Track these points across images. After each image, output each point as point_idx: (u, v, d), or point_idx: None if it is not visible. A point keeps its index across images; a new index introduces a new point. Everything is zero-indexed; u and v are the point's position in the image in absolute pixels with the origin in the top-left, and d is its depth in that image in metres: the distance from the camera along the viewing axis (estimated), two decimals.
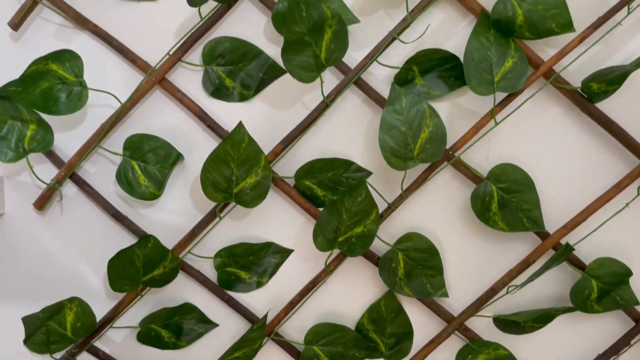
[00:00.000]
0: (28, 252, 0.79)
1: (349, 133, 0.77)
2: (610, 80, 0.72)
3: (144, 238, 0.71)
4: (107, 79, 0.75)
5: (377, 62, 0.74)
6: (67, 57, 0.69)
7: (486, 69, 0.71)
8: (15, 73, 0.74)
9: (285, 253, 0.79)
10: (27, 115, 0.70)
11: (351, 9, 0.74)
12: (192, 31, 0.72)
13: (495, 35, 0.71)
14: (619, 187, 0.75)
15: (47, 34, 0.74)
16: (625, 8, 0.71)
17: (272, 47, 0.76)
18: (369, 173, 0.77)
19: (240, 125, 0.68)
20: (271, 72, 0.75)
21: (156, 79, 0.73)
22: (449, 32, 0.75)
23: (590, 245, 0.78)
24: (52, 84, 0.70)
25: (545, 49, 0.75)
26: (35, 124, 0.70)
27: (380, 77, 0.76)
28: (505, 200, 0.75)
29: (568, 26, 0.71)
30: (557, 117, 0.77)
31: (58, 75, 0.70)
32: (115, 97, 0.74)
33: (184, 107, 0.76)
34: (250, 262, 0.78)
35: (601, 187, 0.77)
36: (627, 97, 0.76)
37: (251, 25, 0.75)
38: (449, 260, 0.80)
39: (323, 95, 0.73)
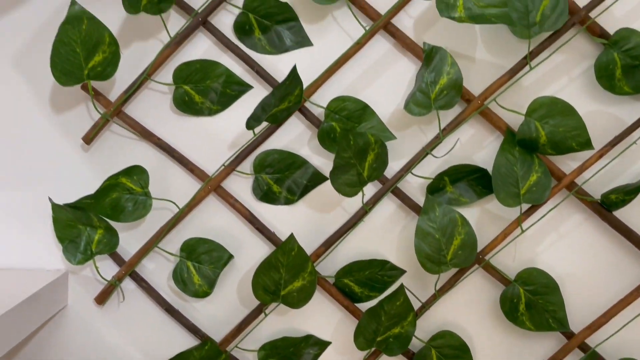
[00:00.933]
0: (88, 342, 0.85)
1: (385, 235, 0.84)
2: (627, 191, 0.78)
3: (202, 343, 0.78)
4: (167, 185, 0.83)
5: (412, 173, 0.81)
6: (135, 172, 0.78)
7: (513, 182, 0.78)
8: (84, 179, 0.82)
9: (323, 345, 0.84)
10: (96, 222, 0.78)
11: (388, 125, 0.82)
12: (246, 146, 0.81)
13: (520, 152, 0.78)
14: (639, 292, 0.80)
15: (115, 145, 0.82)
16: (639, 130, 0.78)
17: (315, 157, 0.83)
18: (403, 271, 0.83)
19: (291, 236, 0.75)
20: (314, 180, 0.83)
21: (212, 187, 0.81)
22: (477, 146, 0.83)
23: (614, 343, 0.83)
24: (120, 194, 0.78)
25: (567, 161, 0.82)
26: (103, 230, 0.78)
27: (414, 185, 0.83)
28: (532, 301, 0.80)
29: (587, 145, 0.78)
30: (579, 223, 0.83)
31: (126, 187, 0.79)
32: (175, 204, 0.82)
33: (235, 211, 0.83)
34: (290, 354, 0.83)
35: (622, 289, 0.82)
36: None
37: (297, 138, 0.83)
38: (479, 357, 0.84)
39: (363, 203, 0.80)
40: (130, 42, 0.81)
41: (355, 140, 0.68)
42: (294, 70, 0.70)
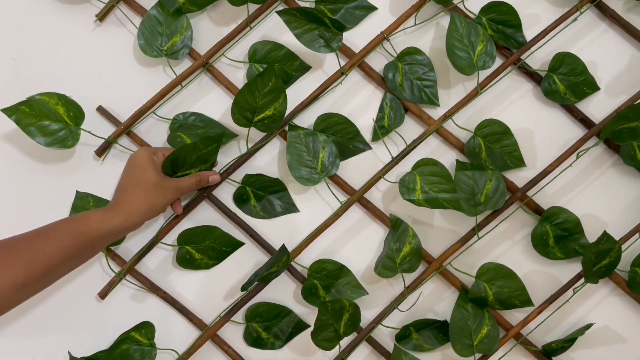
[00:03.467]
0: None
1: None
2: (566, 340, 0.91)
3: None
4: (170, 331, 0.94)
5: (382, 325, 0.94)
6: (144, 327, 0.91)
7: (467, 335, 0.91)
8: (97, 326, 0.94)
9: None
10: None
11: (361, 281, 0.95)
12: (239, 299, 0.93)
13: (473, 307, 0.92)
14: None
15: (125, 297, 0.95)
16: (571, 290, 0.93)
17: (299, 307, 0.96)
18: None
19: None
20: (297, 327, 0.95)
21: (209, 335, 0.93)
22: (437, 298, 0.97)
23: None
24: (129, 345, 0.90)
25: (513, 312, 0.96)
26: None
27: (385, 333, 0.96)
28: None
29: (528, 303, 0.92)
30: None
31: (135, 339, 0.90)
32: (176, 352, 0.93)
33: (228, 357, 0.94)
34: None
35: None
36: (581, 350, 0.96)
37: (284, 291, 0.96)
38: None
39: (339, 352, 0.92)
40: None
41: (332, 306, 0.82)
42: (283, 247, 0.85)
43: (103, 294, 0.93)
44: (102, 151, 0.93)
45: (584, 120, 0.95)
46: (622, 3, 0.96)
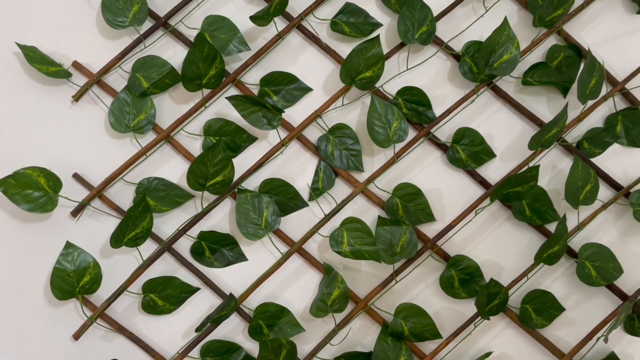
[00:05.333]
0: None
1: None
2: None
3: None
4: None
5: (317, 357, 1.10)
6: None
7: None
8: None
9: None
10: None
11: (300, 319, 1.12)
12: (195, 337, 1.09)
13: (392, 341, 1.10)
14: None
15: (96, 337, 1.10)
16: (472, 325, 1.12)
17: (247, 343, 1.12)
18: None
19: None
20: None
21: None
22: (363, 333, 1.14)
23: None
24: None
25: (427, 344, 1.14)
26: None
27: None
28: None
29: (437, 336, 1.11)
30: None
31: None
32: None
33: None
34: None
35: None
36: None
37: (234, 329, 1.12)
38: None
39: None
40: (109, 255, 1.11)
41: (271, 344, 0.98)
42: (230, 295, 1.01)
43: (77, 335, 1.07)
44: (76, 212, 1.09)
45: (482, 182, 1.16)
46: (513, 86, 1.18)
